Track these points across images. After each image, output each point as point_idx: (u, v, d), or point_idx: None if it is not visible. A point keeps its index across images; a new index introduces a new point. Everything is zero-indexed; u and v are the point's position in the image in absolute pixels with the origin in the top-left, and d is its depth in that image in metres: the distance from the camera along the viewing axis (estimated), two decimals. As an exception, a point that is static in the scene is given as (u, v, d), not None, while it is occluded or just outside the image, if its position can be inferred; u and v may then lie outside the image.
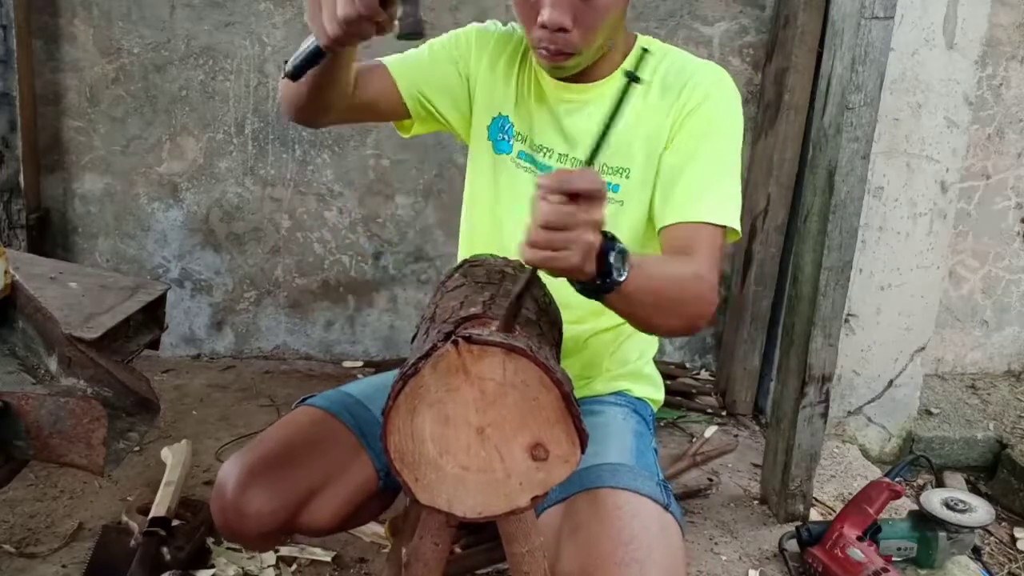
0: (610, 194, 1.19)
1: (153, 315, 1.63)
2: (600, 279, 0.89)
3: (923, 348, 2.44)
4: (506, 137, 1.28)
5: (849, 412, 2.45)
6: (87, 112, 2.53)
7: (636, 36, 1.27)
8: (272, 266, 2.68)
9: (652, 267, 0.99)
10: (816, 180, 1.88)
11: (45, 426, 1.08)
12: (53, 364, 1.20)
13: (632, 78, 0.86)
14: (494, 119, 1.30)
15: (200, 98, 2.54)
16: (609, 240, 0.89)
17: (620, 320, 1.13)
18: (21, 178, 2.40)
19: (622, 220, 1.21)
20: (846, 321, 2.30)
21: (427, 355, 0.83)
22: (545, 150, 1.25)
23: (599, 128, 0.87)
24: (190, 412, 2.34)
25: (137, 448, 1.87)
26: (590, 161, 0.87)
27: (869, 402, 2.46)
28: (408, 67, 1.27)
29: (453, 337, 0.82)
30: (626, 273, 0.90)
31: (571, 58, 1.14)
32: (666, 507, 1.05)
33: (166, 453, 1.90)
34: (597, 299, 0.93)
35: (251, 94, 2.54)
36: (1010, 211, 2.83)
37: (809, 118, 2.30)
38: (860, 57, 1.75)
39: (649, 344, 1.36)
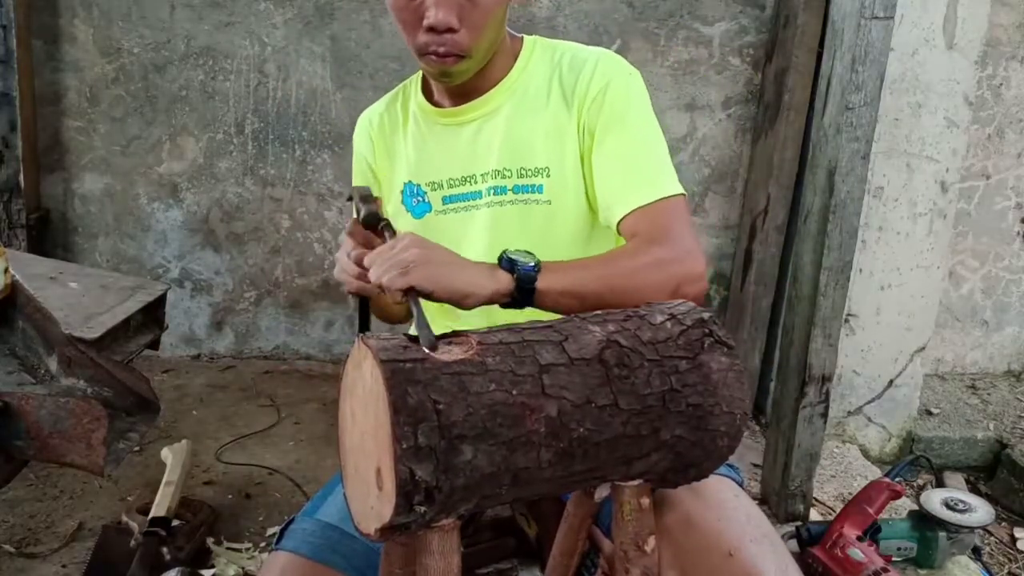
0: (535, 196, 1.18)
1: (153, 315, 1.63)
2: (517, 284, 0.93)
3: (923, 348, 2.43)
4: (420, 199, 1.26)
5: (849, 412, 2.45)
6: (87, 112, 2.53)
7: (523, 38, 1.24)
8: (272, 266, 2.68)
9: (587, 263, 1.01)
10: (816, 180, 1.88)
11: (45, 426, 1.08)
12: (53, 364, 1.20)
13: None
14: (401, 191, 1.27)
15: (200, 98, 2.54)
16: (504, 257, 0.94)
17: None
18: (21, 178, 2.40)
19: (555, 221, 1.18)
20: (846, 321, 2.30)
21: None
22: (466, 179, 1.22)
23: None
24: (190, 412, 2.34)
25: (137, 448, 1.87)
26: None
27: (869, 402, 2.46)
28: None
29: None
30: (534, 265, 0.93)
31: (461, 60, 1.11)
32: (738, 480, 1.08)
33: (166, 453, 1.90)
34: (532, 304, 0.95)
35: (251, 94, 2.54)
36: (1010, 211, 2.83)
37: (809, 118, 2.30)
38: (860, 57, 1.75)
39: None
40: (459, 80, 1.16)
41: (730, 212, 2.64)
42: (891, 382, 2.44)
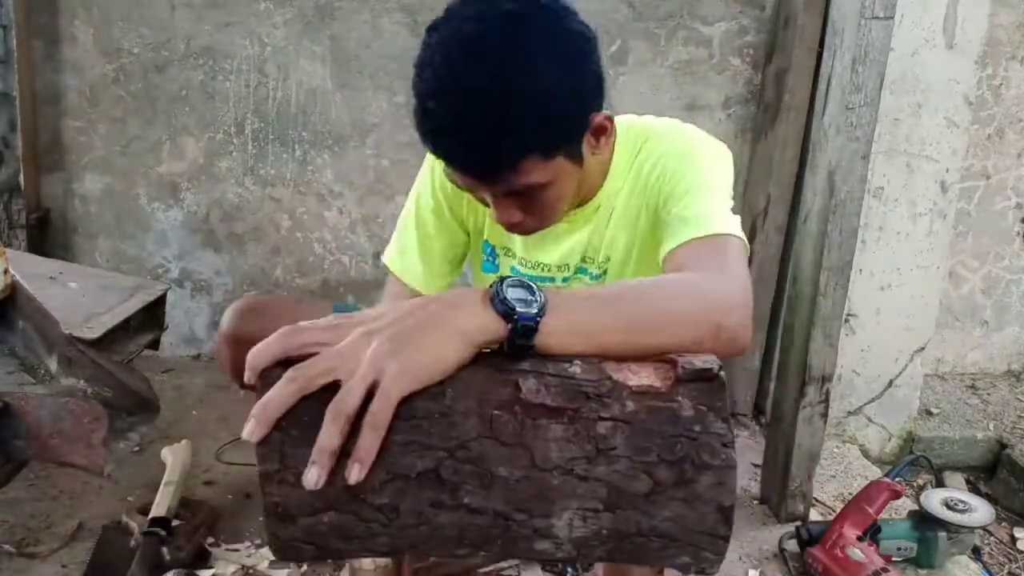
0: (590, 281, 1.22)
1: (153, 315, 1.63)
2: (512, 335, 0.68)
3: (923, 348, 2.44)
4: (491, 259, 1.27)
5: (849, 412, 2.45)
6: (87, 112, 2.53)
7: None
8: (272, 266, 2.68)
9: (606, 296, 0.77)
10: (816, 180, 1.88)
11: (45, 426, 1.08)
12: (53, 364, 1.20)
13: None
14: (482, 243, 1.28)
15: (200, 98, 2.54)
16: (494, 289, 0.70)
17: None
18: (21, 178, 2.40)
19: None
20: (846, 321, 2.30)
21: None
22: (540, 265, 1.23)
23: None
24: (190, 412, 2.34)
25: (137, 448, 1.87)
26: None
27: (869, 402, 2.46)
28: (431, 275, 1.28)
29: None
30: (537, 312, 0.68)
31: (538, 230, 1.08)
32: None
33: (166, 453, 1.90)
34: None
35: (251, 94, 2.54)
36: (1010, 211, 2.83)
37: (809, 118, 2.30)
38: (860, 57, 1.75)
39: None
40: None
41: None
42: (891, 382, 2.45)
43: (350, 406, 0.62)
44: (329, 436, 0.61)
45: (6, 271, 1.22)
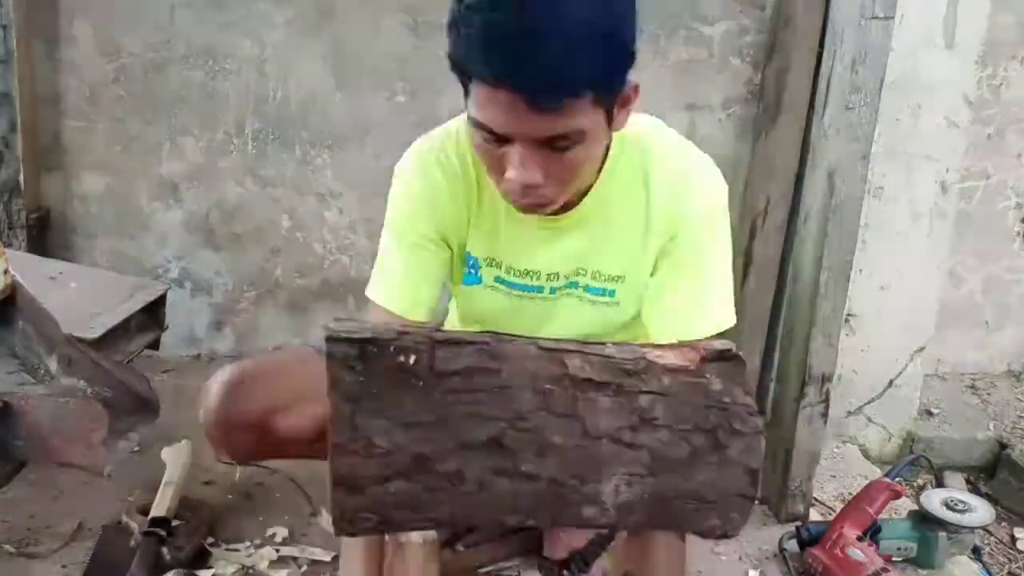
0: (606, 298, 1.21)
1: (153, 315, 1.64)
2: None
3: (923, 348, 2.43)
4: (473, 271, 1.24)
5: (849, 412, 2.45)
6: (87, 112, 2.52)
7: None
8: (272, 266, 2.68)
9: None
10: (816, 180, 1.88)
11: (45, 426, 1.08)
12: (53, 364, 1.20)
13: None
14: (462, 255, 1.25)
15: (200, 98, 2.54)
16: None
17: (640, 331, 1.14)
18: (21, 178, 2.40)
19: (616, 319, 1.23)
20: (846, 321, 2.30)
21: None
22: (529, 273, 1.21)
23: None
24: (190, 412, 2.34)
25: (137, 448, 1.87)
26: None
27: (869, 402, 2.45)
28: (414, 298, 1.24)
29: None
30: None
31: (544, 208, 1.06)
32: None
33: (166, 453, 1.90)
34: None
35: (251, 94, 2.54)
36: (1010, 211, 2.83)
37: (809, 118, 2.30)
38: (860, 57, 1.75)
39: None
40: (542, 214, 1.12)
41: (730, 212, 2.64)
42: (891, 382, 2.44)
43: None
44: None
45: (6, 271, 1.22)
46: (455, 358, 0.71)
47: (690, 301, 1.15)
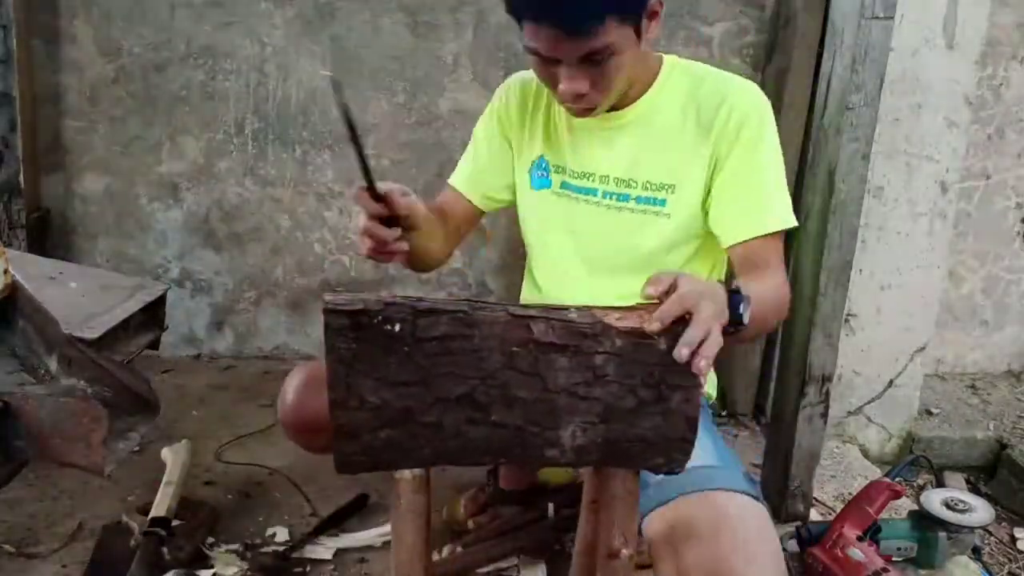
0: (657, 208, 1.31)
1: (153, 315, 1.64)
2: (732, 326, 0.95)
3: (923, 348, 2.43)
4: (544, 174, 1.40)
5: (849, 412, 2.45)
6: (87, 112, 2.53)
7: (661, 57, 1.34)
8: (272, 266, 2.68)
9: (758, 301, 1.06)
10: (816, 180, 1.88)
11: (45, 426, 1.08)
12: (53, 364, 1.20)
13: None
14: (533, 163, 1.42)
15: (200, 98, 2.54)
16: (734, 292, 0.97)
17: None
18: (21, 178, 2.40)
19: (668, 232, 1.32)
20: (846, 321, 2.30)
21: None
22: (586, 175, 1.36)
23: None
24: (190, 412, 2.34)
25: (137, 448, 1.87)
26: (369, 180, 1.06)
27: (869, 402, 2.45)
28: (473, 180, 1.48)
29: None
30: (747, 316, 0.97)
31: (594, 111, 1.25)
32: (757, 498, 1.13)
33: (166, 453, 1.90)
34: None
35: (251, 94, 2.54)
36: (1010, 211, 2.83)
37: (809, 118, 2.30)
38: (860, 57, 1.74)
39: None
40: (594, 117, 1.29)
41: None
42: (891, 382, 2.44)
43: (701, 333, 0.84)
44: (681, 355, 0.84)
45: (6, 271, 1.22)
46: (434, 326, 0.82)
47: (751, 203, 1.26)
